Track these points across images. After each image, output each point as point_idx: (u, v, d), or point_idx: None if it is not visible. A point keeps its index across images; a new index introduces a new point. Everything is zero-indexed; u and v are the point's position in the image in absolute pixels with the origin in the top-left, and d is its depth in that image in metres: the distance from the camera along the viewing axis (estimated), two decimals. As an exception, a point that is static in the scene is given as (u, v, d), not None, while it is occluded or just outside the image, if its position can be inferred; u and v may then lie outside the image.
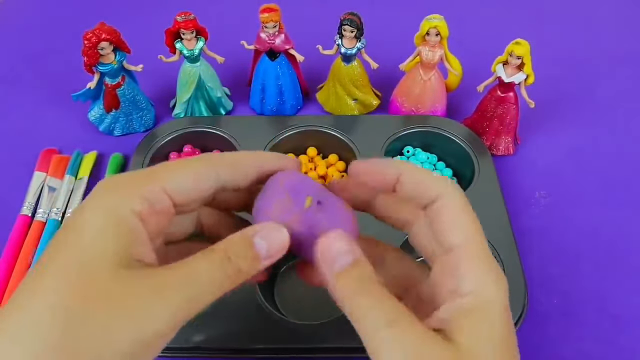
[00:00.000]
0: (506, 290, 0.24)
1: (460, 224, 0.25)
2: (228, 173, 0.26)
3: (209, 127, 0.54)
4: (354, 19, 0.51)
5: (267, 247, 0.24)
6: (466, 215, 0.25)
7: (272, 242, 0.24)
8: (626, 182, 0.54)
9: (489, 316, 0.23)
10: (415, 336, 0.22)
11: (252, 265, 0.24)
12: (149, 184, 0.24)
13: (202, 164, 0.26)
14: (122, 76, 0.54)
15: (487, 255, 0.24)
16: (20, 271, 0.45)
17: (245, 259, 0.24)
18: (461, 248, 0.24)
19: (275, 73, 0.56)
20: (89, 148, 0.56)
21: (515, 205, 0.51)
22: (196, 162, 0.26)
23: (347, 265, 0.23)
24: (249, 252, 0.24)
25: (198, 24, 0.52)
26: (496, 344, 0.23)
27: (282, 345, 0.39)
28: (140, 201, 0.23)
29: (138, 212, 0.23)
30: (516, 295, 0.41)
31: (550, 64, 0.61)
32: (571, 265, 0.47)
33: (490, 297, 0.23)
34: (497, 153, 0.55)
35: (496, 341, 0.23)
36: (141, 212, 0.23)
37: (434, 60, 0.53)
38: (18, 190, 0.52)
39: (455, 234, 0.24)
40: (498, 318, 0.23)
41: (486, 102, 0.53)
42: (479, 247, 0.24)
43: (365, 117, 0.58)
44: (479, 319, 0.23)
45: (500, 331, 0.23)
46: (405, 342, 0.22)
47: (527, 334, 0.42)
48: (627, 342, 0.43)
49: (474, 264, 0.24)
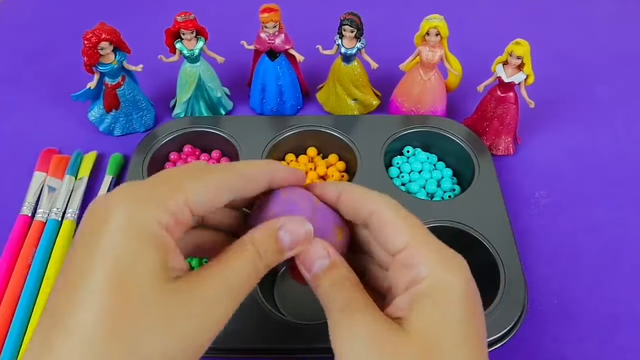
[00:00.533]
0: (466, 276, 0.25)
1: (400, 229, 0.26)
2: (242, 185, 0.27)
3: (209, 127, 0.54)
4: (354, 19, 0.51)
5: (291, 240, 0.26)
6: (402, 219, 0.27)
7: (296, 235, 0.26)
8: (626, 182, 0.54)
9: (444, 300, 0.24)
10: (365, 320, 0.24)
11: (277, 259, 0.26)
12: (173, 196, 0.24)
13: (221, 176, 0.26)
14: (122, 76, 0.54)
15: (439, 247, 0.26)
16: (20, 271, 0.45)
17: (273, 253, 0.25)
18: (409, 246, 0.26)
19: (275, 73, 0.56)
20: (89, 148, 0.56)
21: (515, 205, 0.51)
22: (216, 174, 0.26)
23: (325, 267, 0.26)
24: (276, 246, 0.25)
25: (198, 24, 0.52)
26: (452, 327, 0.24)
27: (282, 345, 0.39)
28: (166, 214, 0.23)
29: (165, 225, 0.23)
30: (516, 295, 0.41)
31: (550, 64, 0.61)
32: (571, 265, 0.47)
33: (446, 282, 0.24)
34: (497, 153, 0.55)
35: (452, 324, 0.24)
36: (168, 224, 0.23)
37: (434, 60, 0.53)
38: (18, 190, 0.52)
39: (399, 238, 0.26)
40: (456, 302, 0.24)
41: (486, 102, 0.53)
42: (427, 241, 0.26)
43: (365, 117, 0.58)
44: (432, 303, 0.24)
45: (457, 315, 0.24)
46: (353, 325, 0.24)
47: (527, 334, 0.42)
48: (627, 342, 0.43)
49: (425, 253, 0.25)
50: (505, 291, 0.41)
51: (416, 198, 0.50)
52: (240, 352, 0.40)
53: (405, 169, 0.53)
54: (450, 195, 0.51)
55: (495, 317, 0.40)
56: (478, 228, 0.45)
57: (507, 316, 0.40)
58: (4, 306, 0.43)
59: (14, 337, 0.41)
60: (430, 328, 0.23)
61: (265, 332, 0.39)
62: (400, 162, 0.53)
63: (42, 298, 0.44)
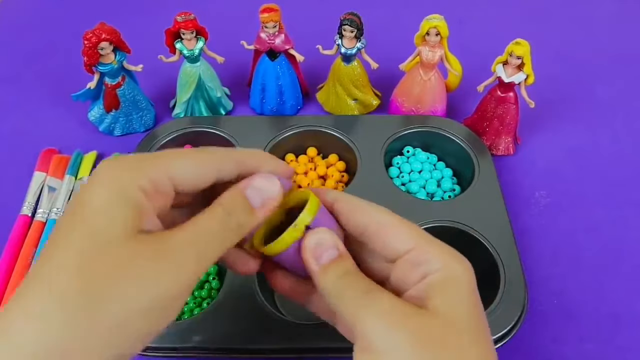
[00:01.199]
0: (471, 270, 0.26)
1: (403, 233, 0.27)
2: (228, 166, 0.27)
3: (209, 127, 0.54)
4: (354, 19, 0.51)
5: (260, 197, 0.26)
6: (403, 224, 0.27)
7: (264, 192, 0.26)
8: (626, 182, 0.54)
9: (458, 288, 0.25)
10: (390, 302, 0.24)
11: (249, 219, 0.26)
12: (155, 166, 0.25)
13: (208, 155, 0.27)
14: (122, 76, 0.54)
15: (443, 245, 0.27)
16: (20, 271, 0.45)
17: (242, 212, 0.25)
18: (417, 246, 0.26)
19: (275, 73, 0.56)
20: (89, 148, 0.56)
21: (515, 205, 0.51)
22: (203, 153, 0.27)
23: (333, 258, 0.26)
24: (244, 204, 0.26)
25: (198, 24, 0.52)
26: (469, 308, 0.25)
27: (282, 345, 0.39)
28: (146, 180, 0.24)
29: (143, 189, 0.24)
30: (516, 295, 0.41)
31: (550, 64, 0.61)
32: (571, 265, 0.47)
33: (458, 273, 0.25)
34: (497, 153, 0.55)
35: (469, 306, 0.25)
36: (146, 189, 0.24)
37: (434, 60, 0.53)
38: (18, 190, 0.52)
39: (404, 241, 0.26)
40: (466, 291, 0.25)
41: (486, 102, 0.53)
42: (432, 240, 0.27)
43: (365, 117, 0.58)
44: (450, 287, 0.25)
45: (468, 302, 0.25)
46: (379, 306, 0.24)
47: (527, 334, 0.42)
48: (627, 342, 0.43)
49: (436, 249, 0.26)
50: (505, 291, 0.41)
51: (416, 198, 0.50)
52: (240, 352, 0.39)
53: (405, 169, 0.53)
54: (450, 195, 0.51)
55: (495, 317, 0.40)
56: (478, 228, 0.45)
57: (507, 316, 0.40)
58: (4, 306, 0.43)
59: (14, 337, 0.41)
60: (448, 309, 0.24)
61: (265, 332, 0.39)
62: (400, 162, 0.53)
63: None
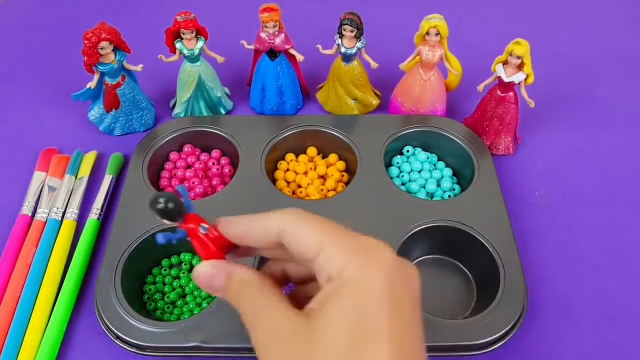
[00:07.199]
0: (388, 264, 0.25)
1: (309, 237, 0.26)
2: None
3: (209, 126, 0.54)
4: (354, 18, 0.51)
5: None
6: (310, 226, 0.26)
7: None
8: (626, 182, 0.54)
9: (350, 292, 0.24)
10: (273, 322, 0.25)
11: None
12: None
13: None
14: (122, 76, 0.54)
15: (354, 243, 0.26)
16: (20, 271, 0.45)
17: None
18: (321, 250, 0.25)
19: (275, 73, 0.56)
20: (89, 148, 0.56)
21: (515, 205, 0.51)
22: None
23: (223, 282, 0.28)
24: None
25: (198, 24, 0.52)
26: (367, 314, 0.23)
27: (282, 345, 0.39)
28: None
29: None
30: (516, 295, 0.41)
31: (550, 64, 0.61)
32: (571, 265, 0.47)
33: (352, 276, 0.24)
34: (497, 153, 0.55)
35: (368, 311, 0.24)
36: None
37: (434, 60, 0.53)
38: (18, 190, 0.52)
39: (309, 250, 0.26)
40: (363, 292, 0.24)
41: (486, 102, 0.53)
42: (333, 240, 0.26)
43: (365, 117, 0.58)
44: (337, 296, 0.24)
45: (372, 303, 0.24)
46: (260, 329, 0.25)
47: (527, 334, 0.42)
48: (627, 342, 0.43)
49: (330, 255, 0.25)
50: (505, 291, 0.41)
51: (416, 198, 0.50)
52: (240, 352, 0.40)
53: (405, 168, 0.53)
54: (450, 195, 0.51)
55: (495, 317, 0.40)
56: (478, 228, 0.45)
57: (507, 316, 0.40)
58: (4, 306, 0.43)
59: (14, 336, 0.41)
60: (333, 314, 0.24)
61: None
62: (400, 162, 0.54)
63: (42, 298, 0.44)
